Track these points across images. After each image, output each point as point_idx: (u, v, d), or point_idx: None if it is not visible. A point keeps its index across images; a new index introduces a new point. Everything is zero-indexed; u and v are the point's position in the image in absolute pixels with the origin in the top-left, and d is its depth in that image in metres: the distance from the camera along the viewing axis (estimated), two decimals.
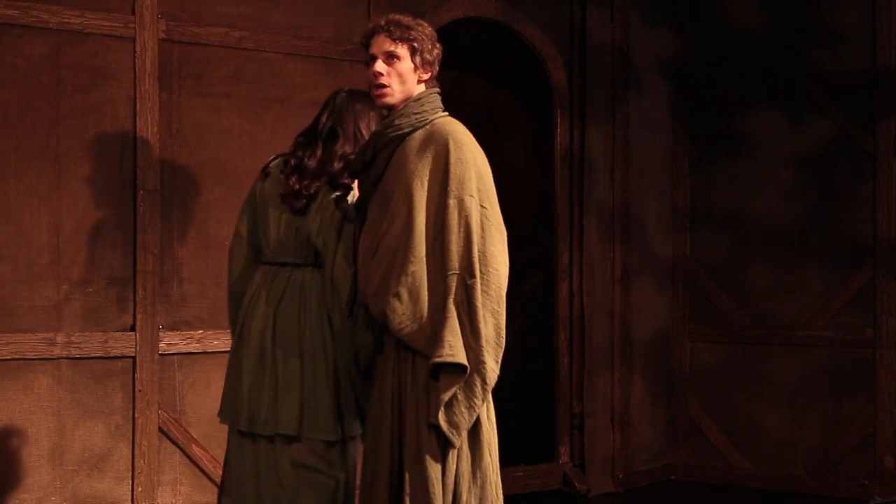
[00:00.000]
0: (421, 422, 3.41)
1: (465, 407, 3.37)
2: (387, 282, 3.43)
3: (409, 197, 3.45)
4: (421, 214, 3.43)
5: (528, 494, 6.51)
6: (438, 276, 3.40)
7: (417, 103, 3.58)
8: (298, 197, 3.85)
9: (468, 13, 6.41)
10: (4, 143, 4.96)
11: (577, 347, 6.83)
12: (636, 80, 7.05)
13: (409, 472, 3.41)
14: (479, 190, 3.46)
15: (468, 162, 3.46)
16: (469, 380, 3.36)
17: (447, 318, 3.35)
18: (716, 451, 7.08)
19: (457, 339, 3.35)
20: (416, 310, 3.40)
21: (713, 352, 7.13)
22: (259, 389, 3.86)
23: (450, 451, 3.42)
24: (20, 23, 4.99)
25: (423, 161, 3.48)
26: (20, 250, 4.99)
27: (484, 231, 3.43)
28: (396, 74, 3.56)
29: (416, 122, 3.56)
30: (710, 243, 7.17)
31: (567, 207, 6.85)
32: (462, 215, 3.41)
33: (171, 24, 5.38)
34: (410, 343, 3.43)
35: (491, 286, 3.40)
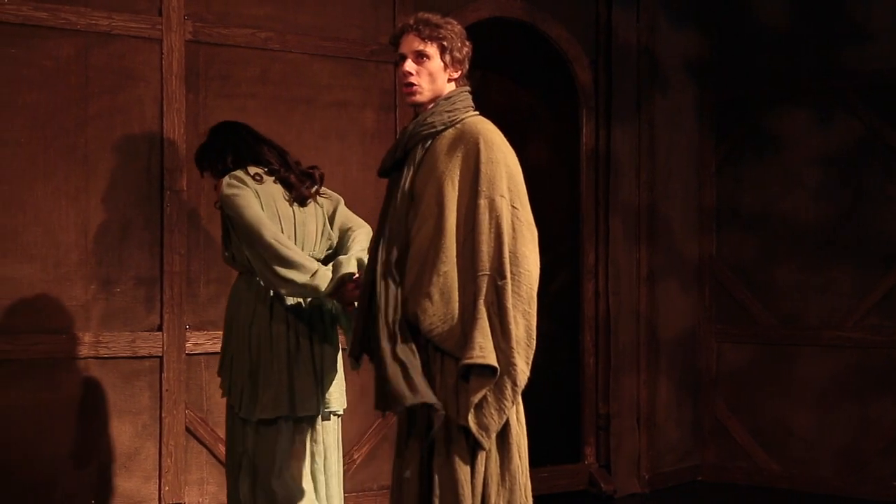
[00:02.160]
0: (450, 423, 3.39)
1: (495, 409, 3.35)
2: (419, 283, 3.41)
3: (441, 197, 3.43)
4: (452, 215, 3.41)
5: (554, 495, 6.50)
6: (469, 277, 3.38)
7: (448, 101, 3.57)
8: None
9: (493, 13, 6.40)
10: (33, 144, 5.00)
11: (603, 348, 6.81)
12: (662, 80, 7.03)
13: (438, 474, 3.39)
14: (510, 190, 3.44)
15: (499, 161, 3.44)
16: (499, 381, 3.33)
17: (477, 319, 3.33)
18: (742, 451, 7.05)
19: (487, 340, 3.32)
20: (447, 310, 3.38)
21: (740, 352, 7.10)
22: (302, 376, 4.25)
23: (479, 453, 3.39)
24: (48, 25, 5.03)
25: (454, 160, 3.46)
26: (49, 250, 5.03)
27: (515, 231, 3.40)
28: (426, 73, 3.55)
29: (448, 120, 3.54)
30: (736, 243, 7.14)
31: (593, 208, 6.84)
32: (493, 215, 3.38)
33: (197, 26, 5.40)
34: (440, 344, 3.40)
35: (522, 287, 3.38)
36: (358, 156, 5.88)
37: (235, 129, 4.49)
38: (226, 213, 4.24)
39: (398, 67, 3.61)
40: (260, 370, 4.21)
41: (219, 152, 4.41)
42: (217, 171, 4.40)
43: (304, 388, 4.22)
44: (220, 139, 4.46)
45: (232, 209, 4.18)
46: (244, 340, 4.26)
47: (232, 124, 4.54)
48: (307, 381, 4.24)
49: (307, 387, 4.23)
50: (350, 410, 5.82)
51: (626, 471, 6.79)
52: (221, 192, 4.22)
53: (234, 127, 4.51)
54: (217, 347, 5.39)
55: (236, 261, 4.31)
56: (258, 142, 4.44)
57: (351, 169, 5.84)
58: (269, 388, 4.19)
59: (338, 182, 5.76)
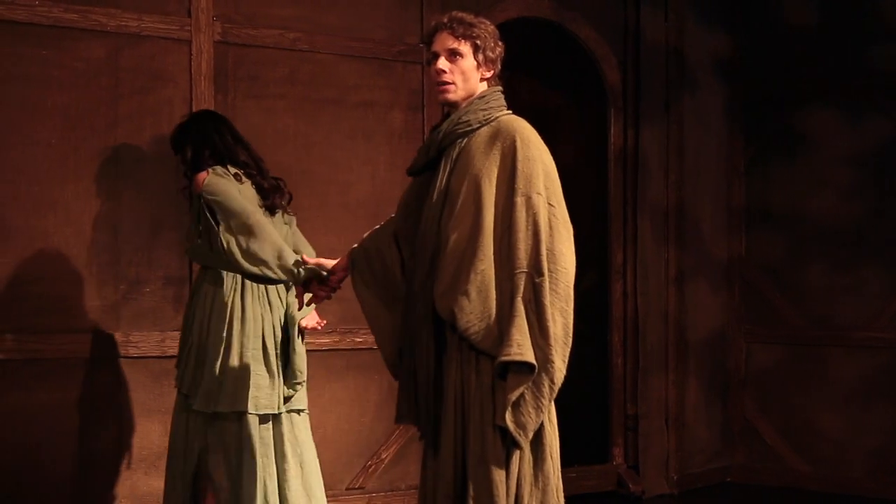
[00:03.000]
0: (485, 423, 3.35)
1: (533, 407, 3.31)
2: (456, 280, 3.38)
3: (478, 195, 3.40)
4: (489, 213, 3.39)
5: (582, 495, 6.48)
6: (505, 275, 3.35)
7: (483, 100, 3.54)
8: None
9: (522, 13, 6.40)
10: (65, 145, 5.03)
11: (631, 348, 6.79)
12: (691, 80, 7.01)
13: (473, 474, 3.36)
14: (547, 188, 3.41)
15: (535, 159, 3.42)
16: (537, 379, 3.30)
17: (515, 316, 3.30)
18: (772, 452, 7.01)
19: (525, 337, 3.29)
20: (484, 308, 3.35)
21: (769, 353, 7.06)
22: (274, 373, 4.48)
23: (514, 453, 3.36)
24: (79, 26, 5.06)
25: (491, 158, 3.44)
26: (79, 251, 5.06)
27: (552, 229, 3.38)
28: (459, 72, 3.52)
29: (483, 118, 3.51)
30: (766, 243, 7.10)
31: (621, 208, 6.82)
32: (530, 213, 3.36)
33: (226, 27, 5.43)
34: (477, 343, 3.36)
35: (559, 285, 3.35)
36: (385, 156, 5.88)
37: (218, 125, 4.58)
38: (211, 199, 4.32)
39: (430, 66, 3.58)
40: (233, 365, 4.34)
41: (199, 144, 4.50)
42: (190, 161, 4.50)
43: (274, 384, 4.43)
44: (202, 131, 4.53)
45: (222, 194, 4.32)
46: (218, 336, 4.37)
47: (216, 118, 4.64)
48: (276, 377, 4.45)
49: (275, 383, 4.45)
50: (377, 410, 5.85)
51: (655, 471, 6.76)
52: (208, 179, 4.35)
53: (217, 122, 4.59)
54: None
55: (212, 250, 4.37)
56: (237, 142, 4.55)
57: (378, 169, 5.85)
58: (239, 381, 4.35)
59: (365, 182, 5.79)
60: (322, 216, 5.63)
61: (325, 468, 5.67)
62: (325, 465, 5.67)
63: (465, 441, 3.42)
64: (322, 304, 5.62)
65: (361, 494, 5.81)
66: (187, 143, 4.54)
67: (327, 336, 5.65)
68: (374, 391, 5.83)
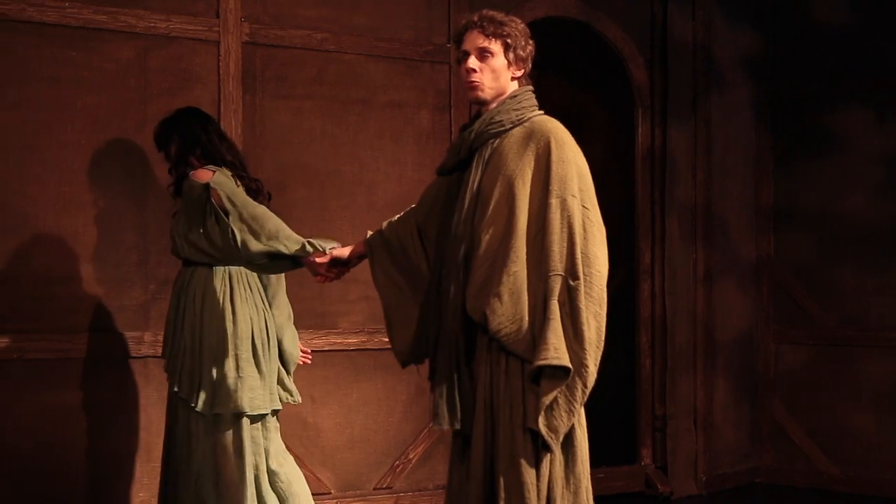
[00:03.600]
0: (515, 426, 3.34)
1: (565, 411, 3.31)
2: (488, 283, 3.37)
3: (511, 197, 3.39)
4: (523, 214, 3.37)
5: (610, 496, 6.46)
6: (538, 277, 3.34)
7: (514, 100, 3.52)
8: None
9: (549, 13, 6.39)
10: (94, 146, 5.06)
11: (659, 348, 6.77)
12: (718, 79, 6.97)
13: (504, 477, 3.35)
14: (581, 190, 3.40)
15: (570, 161, 3.40)
16: (571, 383, 3.29)
17: (550, 319, 3.28)
18: (801, 454, 6.97)
19: (561, 341, 3.27)
20: (515, 311, 3.33)
21: (798, 353, 7.02)
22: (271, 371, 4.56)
23: (544, 455, 3.35)
24: (109, 27, 5.09)
25: (524, 159, 3.42)
26: (108, 251, 5.09)
27: (586, 232, 3.37)
28: (489, 71, 3.50)
29: (516, 118, 3.49)
30: (794, 243, 7.06)
31: (648, 207, 6.80)
32: (564, 215, 3.34)
33: (254, 27, 5.45)
34: (508, 345, 3.35)
35: (593, 288, 3.34)
36: (413, 156, 5.89)
37: (204, 123, 4.60)
38: (223, 193, 4.33)
39: (460, 64, 3.56)
40: (229, 367, 4.39)
41: (186, 141, 4.52)
42: (175, 157, 4.52)
43: (265, 385, 4.49)
44: (189, 129, 4.55)
45: (230, 190, 4.34)
46: (213, 338, 4.40)
47: (201, 116, 4.64)
48: (266, 377, 4.50)
49: (265, 383, 4.50)
50: (405, 410, 5.85)
51: (683, 472, 6.74)
52: (217, 176, 4.37)
53: (203, 120, 4.61)
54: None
55: (213, 245, 4.38)
56: (222, 141, 4.56)
57: (406, 169, 5.85)
58: (241, 382, 4.40)
59: (393, 182, 5.79)
60: (349, 216, 5.63)
61: (353, 468, 5.69)
62: (353, 465, 5.69)
63: (494, 442, 3.41)
64: (349, 303, 5.65)
65: (389, 494, 5.82)
66: (172, 140, 4.54)
67: (355, 336, 5.66)
68: (402, 391, 5.84)
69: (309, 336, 5.55)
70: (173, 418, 4.50)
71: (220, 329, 4.41)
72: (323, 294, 5.60)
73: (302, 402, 5.54)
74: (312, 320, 5.57)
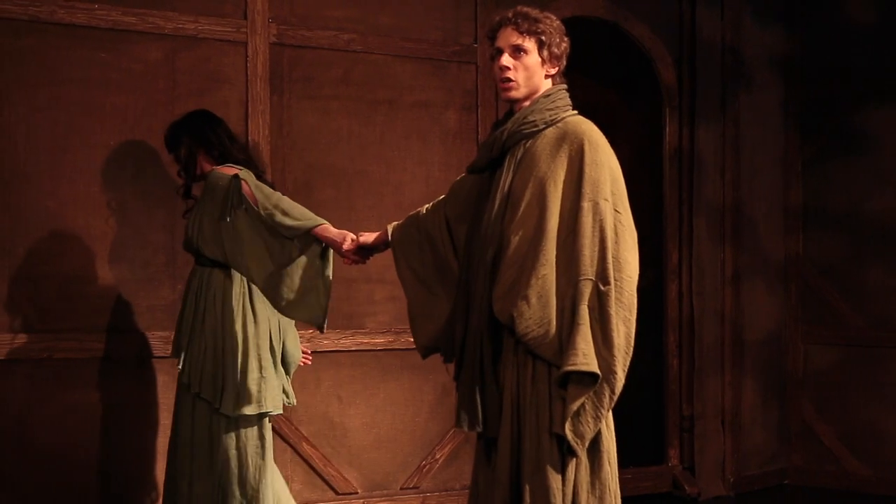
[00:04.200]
0: (541, 429, 3.32)
1: (592, 417, 3.28)
2: (516, 285, 3.34)
3: (542, 198, 3.35)
4: (554, 217, 3.33)
5: (638, 497, 6.45)
6: (568, 281, 3.30)
7: (548, 99, 3.48)
8: None
9: (576, 12, 6.37)
10: (123, 147, 5.09)
11: (687, 349, 6.74)
12: (747, 78, 6.94)
13: (530, 481, 3.33)
14: (613, 193, 3.36)
15: (603, 164, 3.36)
16: (598, 390, 3.26)
17: (580, 324, 3.25)
18: (830, 455, 6.92)
19: (589, 346, 3.24)
20: (543, 314, 3.30)
21: (827, 354, 6.97)
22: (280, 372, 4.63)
23: (570, 460, 3.33)
24: (137, 29, 5.12)
25: (557, 161, 3.38)
26: (137, 251, 5.12)
27: (617, 236, 3.33)
28: (523, 68, 3.46)
29: (550, 118, 3.45)
30: (824, 243, 7.01)
31: (676, 207, 6.77)
32: (596, 219, 3.31)
33: (281, 28, 5.46)
34: (535, 348, 3.32)
35: (623, 293, 3.31)
36: (439, 156, 5.89)
37: (213, 125, 4.64)
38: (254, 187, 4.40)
39: (494, 61, 3.51)
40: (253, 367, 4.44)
41: (198, 143, 4.57)
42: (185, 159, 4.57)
43: (279, 384, 4.57)
44: (200, 130, 4.59)
45: (256, 183, 4.43)
46: (236, 340, 4.44)
47: (211, 118, 4.67)
48: (281, 377, 4.59)
49: (280, 383, 4.58)
50: (431, 411, 5.86)
51: (711, 473, 6.71)
52: (244, 181, 4.41)
53: (213, 122, 4.65)
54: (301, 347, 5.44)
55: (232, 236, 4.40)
56: (233, 142, 4.63)
57: (433, 169, 5.85)
58: (265, 382, 4.47)
59: (420, 182, 5.79)
60: (376, 216, 5.64)
61: (380, 468, 5.70)
62: (380, 465, 5.70)
63: (520, 447, 3.38)
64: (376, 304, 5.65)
65: (416, 494, 5.82)
66: (182, 143, 4.57)
67: (382, 336, 5.67)
68: (428, 391, 5.84)
69: (336, 336, 5.57)
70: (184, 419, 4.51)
71: (242, 330, 4.45)
72: (350, 295, 5.61)
73: (329, 401, 5.57)
74: (340, 321, 5.58)
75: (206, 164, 4.56)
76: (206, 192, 4.49)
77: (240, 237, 4.37)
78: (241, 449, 4.45)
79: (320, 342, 5.51)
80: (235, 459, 4.43)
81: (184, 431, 4.49)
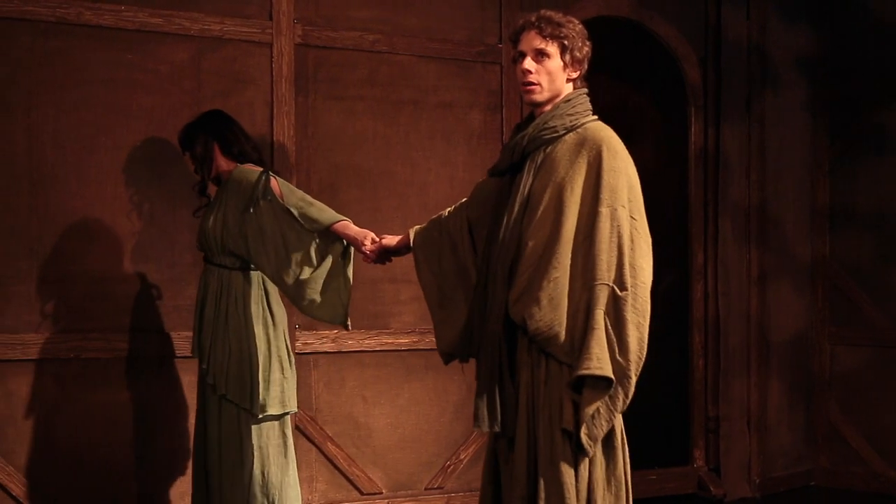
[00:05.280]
0: (554, 427, 3.38)
1: (606, 420, 3.34)
2: (530, 288, 3.39)
3: (560, 203, 3.39)
4: (570, 222, 3.37)
5: (663, 498, 6.43)
6: (581, 284, 3.35)
7: (569, 104, 3.52)
8: None
9: (600, 12, 6.36)
10: (149, 148, 5.12)
11: (712, 350, 6.72)
12: (773, 78, 6.90)
13: (544, 477, 3.39)
14: (630, 200, 3.40)
15: (621, 171, 3.40)
16: (613, 394, 3.32)
17: (595, 329, 3.30)
18: (857, 457, 6.88)
19: (604, 351, 3.29)
20: (554, 316, 3.35)
21: (855, 355, 6.93)
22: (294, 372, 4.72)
23: (583, 457, 3.38)
24: (163, 30, 5.15)
25: (575, 167, 3.42)
26: (164, 252, 5.14)
27: (633, 243, 3.37)
28: (545, 72, 3.50)
29: (570, 124, 3.49)
30: (851, 244, 6.97)
31: (701, 208, 6.75)
32: (614, 225, 3.35)
33: (306, 29, 5.48)
34: (546, 348, 3.39)
35: (638, 299, 3.34)
36: (464, 156, 5.89)
37: (230, 124, 4.70)
38: (278, 181, 4.50)
39: (516, 64, 3.55)
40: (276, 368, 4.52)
41: (220, 143, 4.62)
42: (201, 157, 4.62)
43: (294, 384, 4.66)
44: (217, 129, 4.64)
45: (284, 183, 4.52)
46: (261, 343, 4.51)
47: (227, 118, 4.73)
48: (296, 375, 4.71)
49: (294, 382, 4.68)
50: (456, 411, 5.86)
51: (737, 475, 6.68)
52: (273, 177, 4.51)
53: (228, 121, 4.71)
54: (326, 347, 5.47)
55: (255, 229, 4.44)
56: (247, 140, 4.69)
57: (457, 170, 5.85)
58: (287, 382, 4.56)
59: (444, 183, 5.80)
60: (401, 216, 5.65)
61: (404, 468, 5.71)
62: (404, 465, 5.70)
63: (536, 444, 3.44)
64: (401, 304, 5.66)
65: (440, 494, 5.83)
66: (198, 141, 4.61)
67: (406, 336, 5.67)
68: (453, 391, 5.84)
69: (361, 336, 5.58)
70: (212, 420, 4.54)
71: (265, 333, 4.52)
72: (375, 295, 5.62)
73: (354, 402, 5.58)
74: (365, 321, 5.59)
75: (222, 161, 4.60)
76: (230, 188, 4.53)
77: (263, 229, 4.41)
78: (264, 448, 4.49)
79: (345, 342, 5.53)
80: (259, 458, 4.47)
81: (212, 431, 4.52)
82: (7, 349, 4.86)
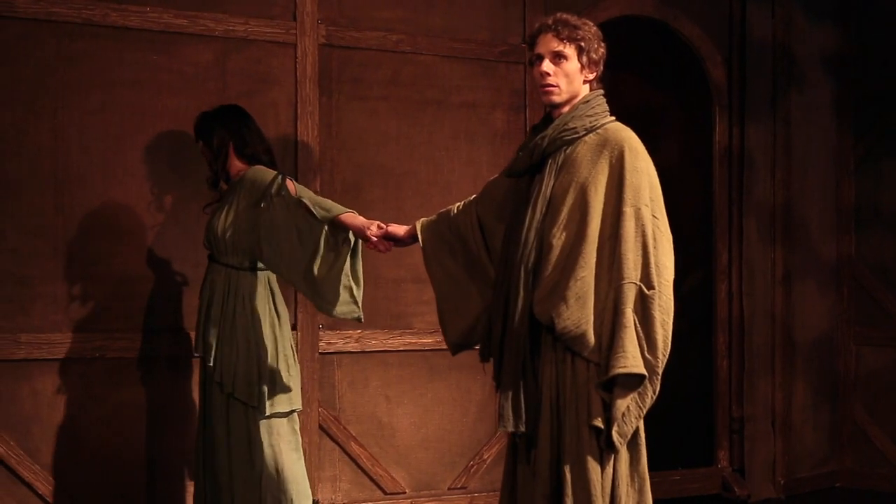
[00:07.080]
0: (581, 424, 3.41)
1: (635, 416, 3.40)
2: (556, 287, 3.42)
3: (584, 203, 3.43)
4: (594, 221, 3.42)
5: (687, 499, 6.41)
6: (607, 283, 3.40)
7: (587, 105, 3.56)
8: None
9: (624, 12, 6.35)
10: (174, 148, 5.14)
11: (737, 350, 6.69)
12: (798, 77, 6.87)
13: (570, 473, 3.42)
14: (652, 199, 3.45)
15: (643, 171, 3.45)
16: (642, 391, 3.38)
17: (626, 327, 3.34)
18: (883, 458, 6.84)
19: (636, 349, 3.34)
20: (581, 315, 3.38)
21: (880, 355, 6.89)
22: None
23: (609, 453, 3.42)
24: (188, 31, 5.17)
25: (598, 167, 3.46)
26: (188, 252, 5.16)
27: (657, 242, 3.42)
28: (563, 74, 3.54)
29: (590, 125, 3.53)
30: (877, 243, 6.92)
31: (726, 207, 6.73)
32: (639, 224, 3.40)
33: (330, 30, 5.49)
34: (572, 346, 3.42)
35: (662, 297, 3.39)
36: (487, 156, 5.89)
37: (247, 120, 4.71)
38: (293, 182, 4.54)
39: (534, 67, 3.60)
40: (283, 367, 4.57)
41: (231, 136, 4.63)
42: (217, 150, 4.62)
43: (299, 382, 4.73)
44: (234, 125, 4.66)
45: (299, 186, 4.57)
46: (268, 343, 4.53)
47: (245, 114, 4.73)
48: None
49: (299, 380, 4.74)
50: (479, 410, 5.86)
51: (761, 475, 6.65)
52: (289, 179, 4.52)
53: (246, 118, 4.71)
54: (350, 347, 5.48)
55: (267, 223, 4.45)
56: (261, 140, 4.70)
57: (481, 169, 5.85)
58: (292, 381, 4.61)
59: (468, 182, 5.80)
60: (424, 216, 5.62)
61: (427, 468, 5.71)
62: (427, 465, 5.71)
63: (560, 441, 3.47)
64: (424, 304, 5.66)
65: (463, 494, 5.83)
66: (215, 133, 4.63)
67: (430, 336, 5.68)
68: (476, 391, 5.85)
69: (384, 336, 5.59)
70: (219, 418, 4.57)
71: (272, 332, 4.55)
72: (398, 295, 5.63)
73: (377, 401, 5.59)
74: (387, 321, 5.61)
75: (234, 160, 4.62)
76: (243, 187, 4.54)
77: (275, 223, 4.43)
78: (276, 445, 4.53)
79: (368, 342, 5.54)
80: (272, 455, 4.50)
81: (219, 430, 4.54)
82: (33, 349, 4.89)
